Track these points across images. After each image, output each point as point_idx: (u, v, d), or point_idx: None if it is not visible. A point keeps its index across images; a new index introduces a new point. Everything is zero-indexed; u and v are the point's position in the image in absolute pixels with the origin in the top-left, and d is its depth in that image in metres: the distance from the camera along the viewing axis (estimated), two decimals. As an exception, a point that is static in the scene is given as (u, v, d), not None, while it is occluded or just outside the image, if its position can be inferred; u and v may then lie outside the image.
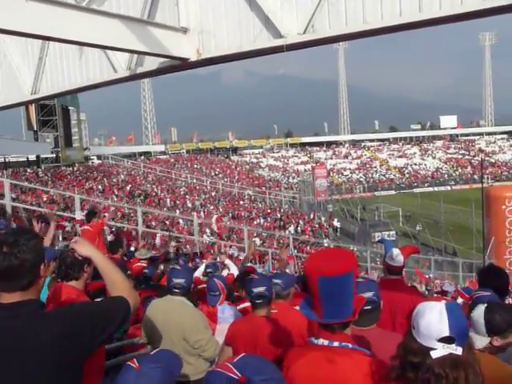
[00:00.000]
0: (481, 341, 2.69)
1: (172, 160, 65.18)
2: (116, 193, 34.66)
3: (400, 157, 79.62)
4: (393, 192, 63.54)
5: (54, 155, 39.64)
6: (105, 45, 5.99)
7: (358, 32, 5.57)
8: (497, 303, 3.03)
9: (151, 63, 7.11)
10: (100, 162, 52.45)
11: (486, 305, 2.78)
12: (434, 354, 1.67)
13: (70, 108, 41.65)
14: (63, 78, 8.34)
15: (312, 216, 41.35)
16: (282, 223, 36.78)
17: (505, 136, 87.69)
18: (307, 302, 2.16)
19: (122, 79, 7.70)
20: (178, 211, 33.47)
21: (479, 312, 2.73)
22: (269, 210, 42.29)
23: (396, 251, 4.12)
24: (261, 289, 3.68)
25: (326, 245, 30.21)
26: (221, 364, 1.73)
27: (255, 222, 35.74)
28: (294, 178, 67.93)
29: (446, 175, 72.43)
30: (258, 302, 3.70)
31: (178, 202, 38.54)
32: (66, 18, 5.27)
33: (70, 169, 39.84)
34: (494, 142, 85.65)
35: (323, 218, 41.01)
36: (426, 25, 5.27)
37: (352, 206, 44.29)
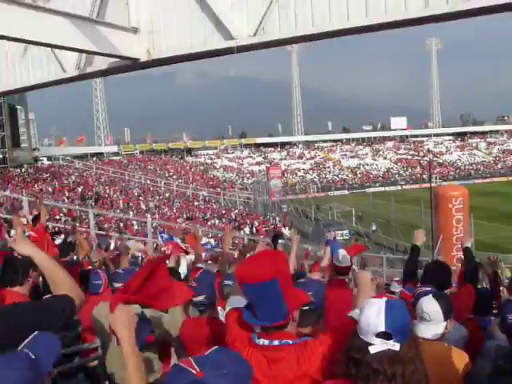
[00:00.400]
0: (436, 330, 2.82)
1: (125, 161, 64.22)
2: (67, 194, 33.84)
3: (352, 157, 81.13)
4: (346, 192, 64.61)
5: (1, 156, 38.28)
6: (51, 43, 5.84)
7: (307, 35, 5.65)
8: (436, 292, 3.19)
9: (101, 63, 6.99)
10: (50, 163, 51.04)
11: (430, 295, 2.93)
12: (372, 350, 1.70)
13: (17, 107, 40.33)
14: (8, 77, 8.09)
15: (267, 216, 41.57)
16: (236, 224, 36.78)
17: (451, 137, 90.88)
18: (247, 304, 2.18)
19: (71, 79, 7.54)
20: (131, 213, 33.00)
21: (430, 301, 2.85)
22: (223, 211, 42.23)
23: (342, 252, 4.19)
24: (200, 298, 3.52)
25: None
26: (184, 359, 1.68)
27: (209, 223, 35.62)
28: (248, 178, 68.11)
29: (396, 175, 74.32)
30: (199, 309, 3.59)
31: (131, 203, 37.97)
32: (9, 15, 5.12)
33: (18, 170, 38.60)
34: (442, 143, 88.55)
35: (278, 219, 41.28)
36: (372, 29, 5.41)
37: (306, 206, 44.76)
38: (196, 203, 44.54)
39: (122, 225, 26.40)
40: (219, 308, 4.43)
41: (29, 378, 1.49)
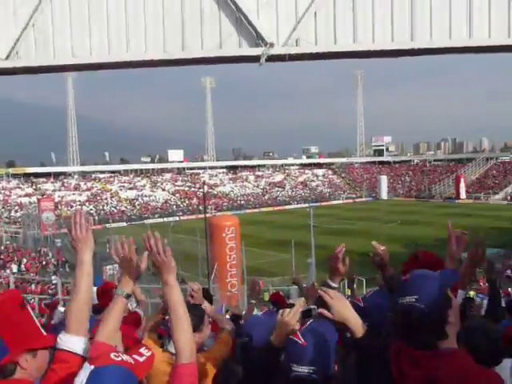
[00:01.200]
0: None
1: None
2: None
3: (131, 189, 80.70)
4: (124, 224, 63.67)
5: None
6: None
7: (66, 65, 5.46)
8: None
9: None
10: None
11: None
12: None
13: None
14: None
15: (40, 252, 38.55)
16: (1, 262, 33.26)
17: (225, 170, 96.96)
18: None
19: None
20: None
21: None
22: (-15, 248, 37.91)
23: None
24: None
25: (54, 282, 28.37)
26: None
27: (-33, 263, 31.60)
28: (16, 211, 62.84)
29: (174, 206, 75.95)
30: None
31: None
32: None
33: None
34: (216, 175, 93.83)
35: (51, 254, 38.54)
36: (133, 66, 5.49)
37: (81, 239, 42.76)
38: (-50, 240, 39.15)
39: None
40: None
41: None
